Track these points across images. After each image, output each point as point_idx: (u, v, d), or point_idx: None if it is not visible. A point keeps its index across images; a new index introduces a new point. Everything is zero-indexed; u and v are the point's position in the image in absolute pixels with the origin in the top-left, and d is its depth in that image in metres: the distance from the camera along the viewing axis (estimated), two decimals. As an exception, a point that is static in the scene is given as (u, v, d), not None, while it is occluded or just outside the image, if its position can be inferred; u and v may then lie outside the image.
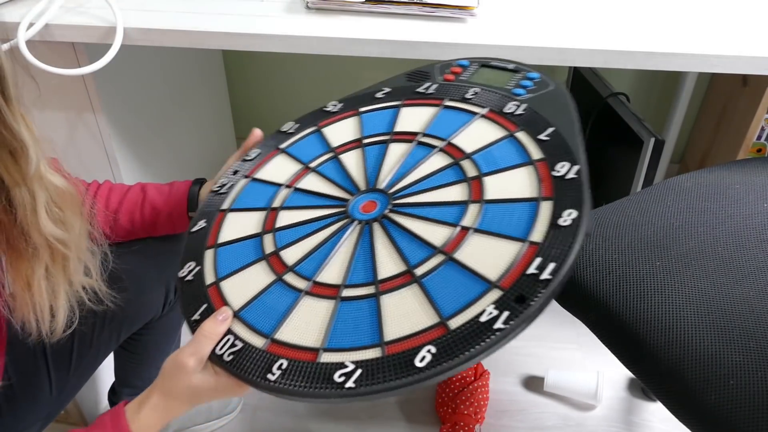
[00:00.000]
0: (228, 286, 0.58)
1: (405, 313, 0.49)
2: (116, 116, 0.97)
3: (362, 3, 0.84)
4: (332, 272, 0.55)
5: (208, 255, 0.61)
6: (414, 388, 0.45)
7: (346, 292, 0.53)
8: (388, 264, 0.54)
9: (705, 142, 1.56)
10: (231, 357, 0.52)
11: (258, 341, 0.52)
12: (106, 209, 0.76)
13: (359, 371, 0.47)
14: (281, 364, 0.50)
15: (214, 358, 0.54)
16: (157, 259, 0.82)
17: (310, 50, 0.81)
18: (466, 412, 1.10)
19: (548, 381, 1.18)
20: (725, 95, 1.45)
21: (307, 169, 0.67)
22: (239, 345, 0.53)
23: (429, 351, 0.45)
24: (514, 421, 1.15)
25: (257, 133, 0.76)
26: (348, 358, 0.48)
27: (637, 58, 0.79)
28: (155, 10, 0.84)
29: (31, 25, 0.78)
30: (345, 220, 0.59)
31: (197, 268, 0.61)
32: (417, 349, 0.46)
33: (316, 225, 0.60)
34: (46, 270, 0.58)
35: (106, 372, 1.05)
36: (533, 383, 1.22)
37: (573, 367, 1.23)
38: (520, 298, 0.46)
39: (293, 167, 0.68)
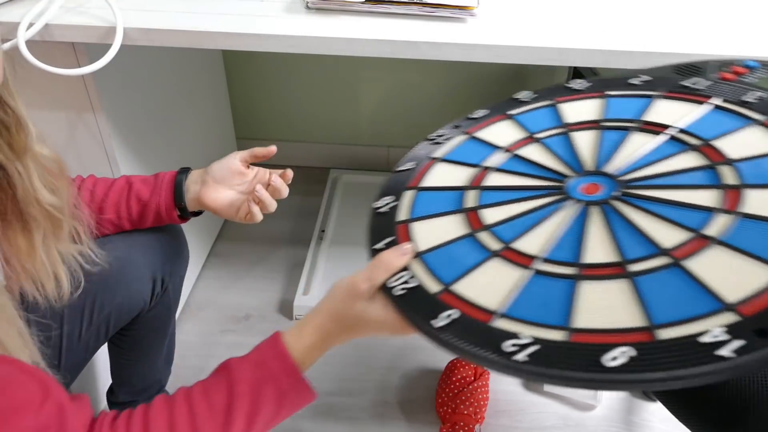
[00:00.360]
0: (418, 228, 0.58)
1: (604, 306, 0.45)
2: (116, 116, 0.97)
3: (362, 3, 0.84)
4: (531, 242, 0.52)
5: (408, 195, 0.62)
6: (594, 388, 0.41)
7: (543, 266, 0.50)
8: (597, 250, 0.49)
9: (705, 142, 1.55)
10: (402, 292, 0.51)
11: (433, 286, 0.51)
12: (91, 202, 0.76)
13: (536, 347, 0.43)
14: (451, 314, 0.48)
15: (386, 291, 0.53)
16: (144, 250, 0.81)
17: (310, 50, 0.81)
18: (466, 412, 1.10)
19: (548, 381, 1.18)
20: (725, 95, 1.44)
21: (531, 138, 0.65)
22: (413, 283, 0.52)
23: (624, 353, 0.40)
24: (514, 421, 1.15)
25: (273, 148, 0.78)
26: (525, 330, 0.45)
27: (636, 58, 0.79)
28: (155, 10, 0.84)
29: (31, 25, 0.78)
30: (559, 196, 0.56)
31: (394, 203, 0.61)
32: (609, 347, 0.41)
33: (526, 193, 0.58)
34: (44, 237, 0.60)
35: (104, 372, 1.05)
36: (533, 383, 1.22)
37: (573, 367, 1.23)
38: (762, 332, 0.39)
39: (517, 134, 0.66)
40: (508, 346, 0.44)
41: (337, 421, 1.15)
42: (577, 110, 0.67)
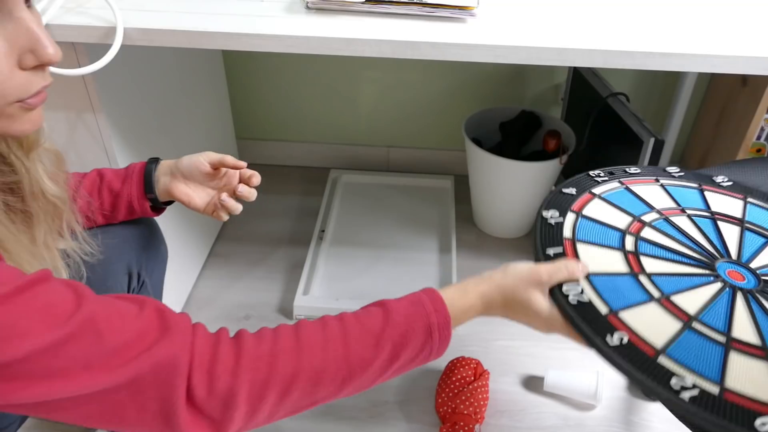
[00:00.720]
0: (582, 249, 0.66)
1: (752, 379, 0.52)
2: (116, 116, 0.97)
3: (362, 3, 0.85)
4: (687, 300, 0.60)
5: (570, 217, 0.70)
6: None
7: (697, 325, 0.57)
8: (743, 329, 0.57)
9: (705, 142, 1.56)
10: (575, 302, 0.58)
11: (601, 307, 0.58)
12: None
13: (696, 392, 0.50)
14: (623, 338, 0.54)
15: (558, 295, 0.59)
16: (118, 245, 0.81)
17: (310, 50, 0.81)
18: (466, 412, 1.10)
19: (548, 381, 1.18)
20: (725, 95, 1.45)
21: (682, 210, 0.73)
22: (586, 299, 0.59)
23: None
24: (514, 421, 1.15)
25: (242, 164, 0.79)
26: (686, 374, 0.52)
27: (636, 58, 0.79)
28: (155, 10, 0.84)
29: (31, 25, 0.78)
30: (710, 271, 0.64)
31: (560, 219, 0.69)
32: (759, 414, 0.48)
33: (683, 258, 0.66)
34: (46, 232, 0.62)
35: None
36: (533, 383, 1.22)
37: (572, 367, 1.23)
38: None
39: (668, 202, 0.75)
40: (673, 383, 0.51)
41: (336, 420, 1.15)
42: (721, 202, 0.76)
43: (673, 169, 0.82)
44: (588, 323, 0.56)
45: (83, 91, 0.90)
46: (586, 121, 1.42)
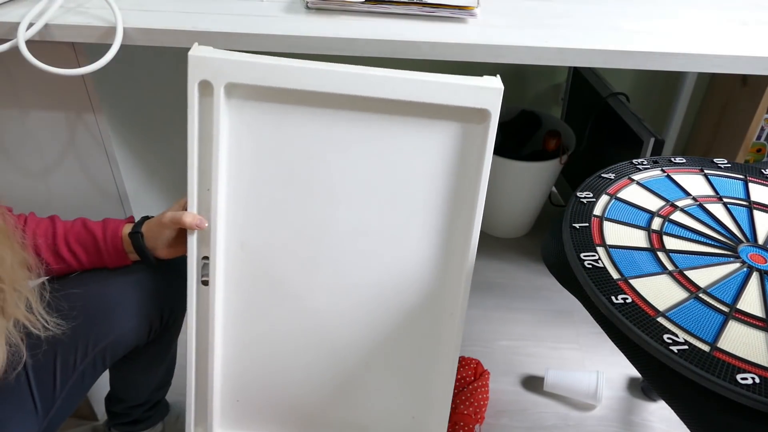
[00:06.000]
0: (608, 225, 0.72)
1: (745, 343, 0.56)
2: (116, 116, 0.97)
3: (362, 3, 0.85)
4: (699, 275, 0.65)
5: (604, 198, 0.76)
6: (723, 393, 0.52)
7: (703, 296, 0.62)
8: (750, 303, 0.61)
9: (705, 142, 1.56)
10: (590, 266, 0.65)
11: (614, 273, 0.64)
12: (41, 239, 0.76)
13: (685, 347, 0.55)
14: (626, 299, 0.60)
15: (576, 260, 0.66)
16: (139, 290, 0.80)
17: (310, 50, 0.81)
18: (466, 412, 1.10)
19: (548, 381, 1.18)
20: (725, 95, 1.45)
21: (719, 198, 0.77)
22: (601, 265, 0.65)
23: (753, 378, 0.52)
24: (514, 421, 1.15)
25: (204, 225, 0.80)
26: (680, 333, 0.57)
27: (636, 58, 0.79)
28: (155, 10, 0.84)
29: (31, 25, 0.78)
30: (731, 253, 0.68)
31: (592, 199, 0.76)
32: (742, 370, 0.53)
33: (706, 240, 0.70)
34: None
35: (106, 377, 1.05)
36: (533, 383, 1.22)
37: (573, 367, 1.23)
38: None
39: (707, 190, 0.79)
40: (665, 337, 0.56)
41: (337, 421, 1.15)
42: (764, 194, 0.79)
43: (720, 161, 0.85)
44: (597, 284, 0.62)
45: (83, 91, 0.90)
46: (586, 121, 1.42)
